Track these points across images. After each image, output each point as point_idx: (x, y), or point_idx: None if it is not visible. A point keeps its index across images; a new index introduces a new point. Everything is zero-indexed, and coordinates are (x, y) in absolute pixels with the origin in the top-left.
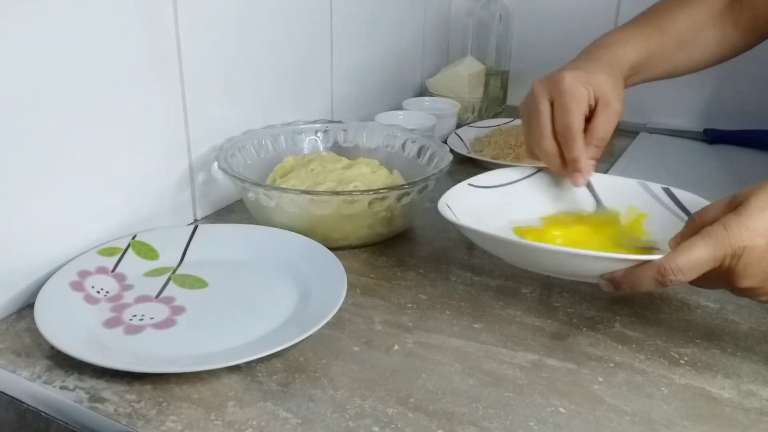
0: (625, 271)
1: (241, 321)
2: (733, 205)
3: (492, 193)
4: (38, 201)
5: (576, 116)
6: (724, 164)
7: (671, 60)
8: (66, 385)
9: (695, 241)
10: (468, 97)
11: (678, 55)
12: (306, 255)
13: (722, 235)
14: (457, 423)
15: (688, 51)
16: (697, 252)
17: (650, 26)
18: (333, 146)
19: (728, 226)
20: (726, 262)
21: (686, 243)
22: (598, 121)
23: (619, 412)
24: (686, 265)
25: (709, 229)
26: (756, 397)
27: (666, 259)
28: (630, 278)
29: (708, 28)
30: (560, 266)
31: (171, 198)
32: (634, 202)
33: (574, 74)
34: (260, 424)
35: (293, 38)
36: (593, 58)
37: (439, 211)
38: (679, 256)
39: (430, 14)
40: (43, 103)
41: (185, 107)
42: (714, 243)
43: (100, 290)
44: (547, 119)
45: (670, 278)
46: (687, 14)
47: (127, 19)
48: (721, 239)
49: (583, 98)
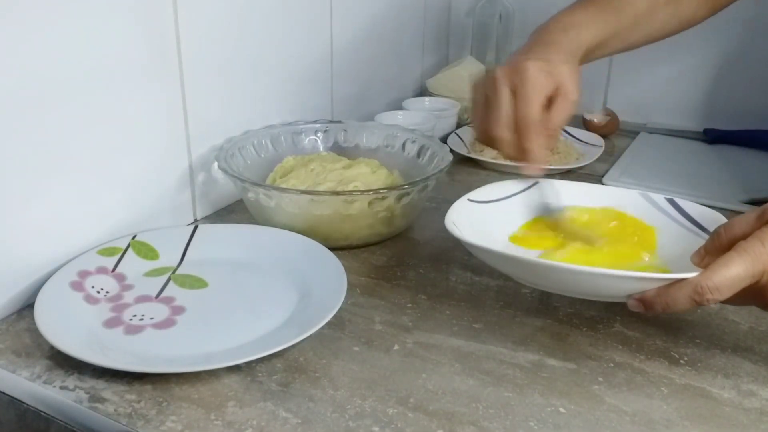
0: (657, 291)
1: (241, 321)
2: (764, 218)
3: (491, 208)
4: (38, 201)
5: (535, 107)
6: (724, 164)
7: (628, 39)
8: (66, 385)
9: (731, 258)
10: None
11: (635, 33)
12: (306, 255)
13: (760, 250)
14: (457, 423)
15: (645, 28)
16: (734, 269)
17: (607, 7)
18: (333, 146)
19: (765, 241)
20: (764, 279)
21: (722, 260)
22: (556, 111)
23: (619, 412)
24: (724, 283)
25: (744, 244)
26: (756, 397)
27: (703, 277)
28: (664, 298)
29: (664, 4)
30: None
31: (171, 198)
32: (638, 214)
33: (537, 64)
34: (260, 424)
35: (293, 38)
36: (552, 43)
37: (449, 230)
38: (715, 273)
39: (430, 14)
40: (43, 103)
41: (185, 107)
42: (752, 259)
43: (100, 290)
44: (507, 107)
45: (707, 297)
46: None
47: (126, 19)
48: (759, 255)
49: (544, 89)
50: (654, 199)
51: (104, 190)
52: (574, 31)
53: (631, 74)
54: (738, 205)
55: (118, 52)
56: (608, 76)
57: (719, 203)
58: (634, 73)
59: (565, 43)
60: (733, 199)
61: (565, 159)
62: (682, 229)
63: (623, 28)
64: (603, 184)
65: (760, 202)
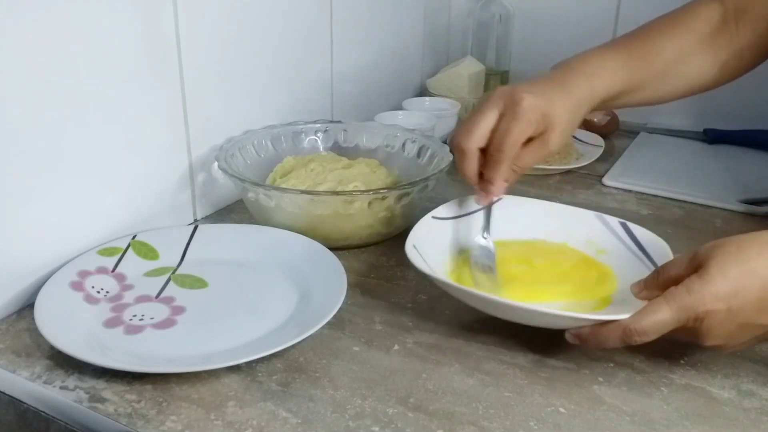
0: (591, 329)
1: (241, 321)
2: (695, 263)
3: (455, 224)
4: (38, 201)
5: (513, 141)
6: (724, 164)
7: (657, 90)
8: (66, 385)
9: (660, 304)
10: (468, 97)
11: (662, 86)
12: (306, 255)
13: (686, 299)
14: (457, 423)
15: (673, 81)
16: (661, 315)
17: (635, 55)
18: (333, 146)
19: (692, 290)
20: (689, 324)
21: (651, 305)
22: (530, 151)
23: (619, 412)
24: (651, 328)
25: (673, 291)
26: (756, 397)
27: (631, 320)
28: (597, 336)
29: (696, 55)
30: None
31: (171, 198)
32: (591, 235)
33: (535, 102)
34: (260, 424)
35: (293, 38)
36: (565, 85)
37: (407, 255)
38: (644, 318)
39: (430, 14)
40: (44, 103)
41: (185, 107)
42: (678, 307)
43: (100, 290)
44: (487, 125)
45: (634, 339)
46: (674, 43)
47: (127, 20)
48: (684, 304)
49: (529, 127)
50: (608, 221)
51: (104, 190)
52: (596, 76)
53: None
54: (737, 204)
55: (118, 52)
56: None
57: (719, 203)
58: None
59: (579, 89)
60: (733, 199)
61: (565, 159)
62: (630, 254)
63: (649, 78)
64: (603, 184)
65: (759, 202)
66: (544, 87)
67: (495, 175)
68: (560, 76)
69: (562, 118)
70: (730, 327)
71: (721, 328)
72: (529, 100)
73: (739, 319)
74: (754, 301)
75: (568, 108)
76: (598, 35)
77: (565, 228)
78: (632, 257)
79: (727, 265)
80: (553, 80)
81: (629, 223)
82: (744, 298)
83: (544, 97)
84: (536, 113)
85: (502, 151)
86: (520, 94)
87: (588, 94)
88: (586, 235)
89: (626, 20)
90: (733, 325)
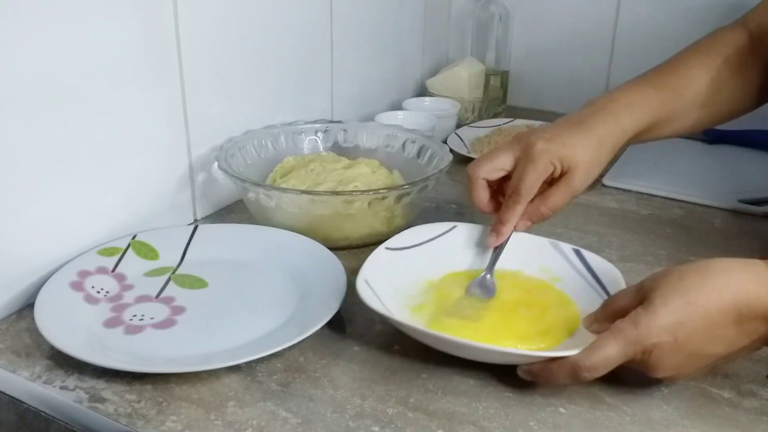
0: (542, 366)
1: (241, 321)
2: (641, 294)
3: (410, 254)
4: (38, 201)
5: (528, 184)
6: (724, 164)
7: (688, 120)
8: (66, 385)
9: (607, 339)
10: (468, 97)
11: (696, 115)
12: (306, 255)
13: (633, 333)
14: (457, 423)
15: (708, 110)
16: (608, 350)
17: (664, 87)
18: (333, 146)
19: (637, 324)
20: (638, 358)
21: (599, 340)
22: (556, 193)
23: (619, 412)
24: (599, 363)
25: (620, 325)
26: (756, 397)
27: (579, 357)
28: (546, 373)
29: (728, 81)
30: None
31: (171, 198)
32: (545, 262)
33: (547, 146)
34: (260, 424)
35: (293, 38)
36: (586, 124)
37: (357, 291)
38: (592, 354)
39: (430, 14)
40: (44, 103)
41: (185, 107)
42: (624, 341)
43: (100, 290)
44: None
45: (584, 375)
46: (704, 72)
47: (126, 20)
48: (631, 337)
49: (545, 171)
50: (562, 248)
51: (104, 190)
52: (624, 113)
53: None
54: (737, 204)
55: (118, 52)
56: (608, 76)
57: (718, 203)
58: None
59: (603, 127)
60: (733, 199)
61: None
62: (584, 282)
63: (684, 110)
64: (603, 184)
65: (759, 202)
66: (562, 129)
67: (509, 216)
68: (582, 116)
69: (583, 157)
70: (678, 358)
71: (669, 360)
72: (541, 145)
73: (687, 350)
74: (699, 332)
75: (589, 147)
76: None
77: (519, 255)
78: (586, 285)
79: (669, 296)
80: (572, 121)
81: (583, 250)
82: (689, 329)
83: (560, 140)
84: (550, 157)
85: (517, 193)
86: (534, 139)
87: (614, 131)
88: (540, 262)
89: (626, 21)
90: (682, 355)
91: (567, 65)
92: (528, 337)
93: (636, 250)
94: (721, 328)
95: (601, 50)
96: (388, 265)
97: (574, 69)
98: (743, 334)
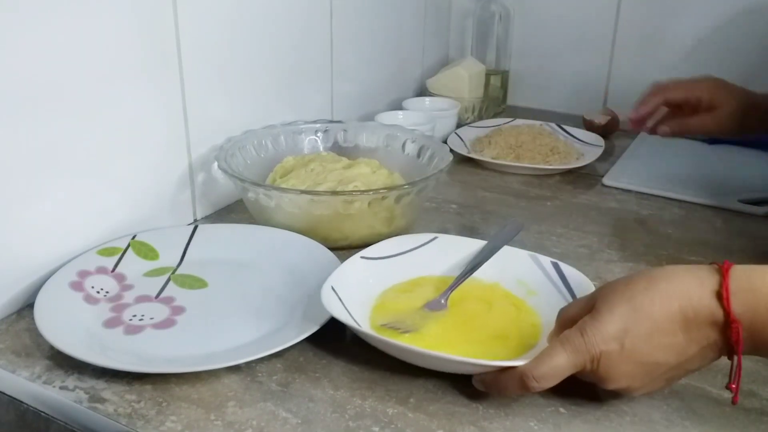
0: (493, 375)
1: (241, 321)
2: (590, 304)
3: (386, 264)
4: (38, 201)
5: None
6: (724, 164)
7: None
8: (66, 385)
9: (555, 348)
10: (468, 97)
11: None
12: (306, 255)
13: (579, 341)
14: (457, 423)
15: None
16: (556, 359)
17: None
18: (333, 146)
19: (584, 332)
20: (587, 367)
21: (547, 350)
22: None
23: (619, 412)
24: (548, 373)
25: (567, 334)
26: (756, 397)
27: (529, 367)
28: (497, 382)
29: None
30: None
31: (171, 198)
32: (523, 275)
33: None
34: (260, 424)
35: (293, 38)
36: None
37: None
38: (540, 364)
39: (430, 14)
40: (44, 103)
41: (185, 107)
42: (572, 350)
43: (100, 290)
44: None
45: (533, 385)
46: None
47: (126, 20)
48: (578, 346)
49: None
50: (541, 261)
51: (104, 190)
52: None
53: (632, 74)
54: (737, 204)
55: (118, 52)
56: (608, 76)
57: (719, 203)
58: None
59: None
60: (733, 199)
61: (565, 159)
62: (559, 296)
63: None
64: (603, 184)
65: (759, 202)
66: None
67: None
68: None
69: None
70: (627, 366)
71: (618, 369)
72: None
73: (635, 358)
74: (645, 338)
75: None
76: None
77: (497, 267)
78: (561, 299)
79: (614, 303)
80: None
81: (561, 263)
82: (635, 335)
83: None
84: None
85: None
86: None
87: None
88: (518, 275)
89: (626, 20)
90: (631, 364)
91: (567, 65)
92: (480, 348)
93: (636, 251)
94: (669, 336)
95: (601, 50)
96: (359, 274)
97: (574, 69)
98: (692, 341)
